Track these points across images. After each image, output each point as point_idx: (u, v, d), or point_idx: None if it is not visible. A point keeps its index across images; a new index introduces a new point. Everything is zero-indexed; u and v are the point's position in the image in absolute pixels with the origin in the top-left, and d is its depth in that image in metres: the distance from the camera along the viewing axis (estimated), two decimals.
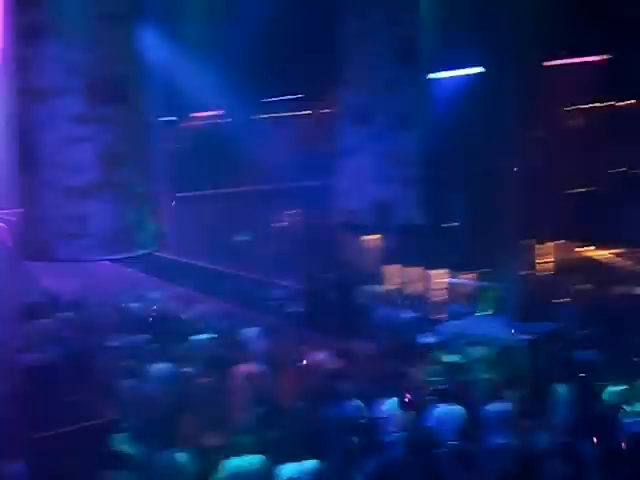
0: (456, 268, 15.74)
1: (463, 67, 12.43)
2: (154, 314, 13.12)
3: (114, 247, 6.01)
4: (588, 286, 13.30)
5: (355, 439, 7.76)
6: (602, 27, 11.38)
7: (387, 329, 12.29)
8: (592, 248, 14.94)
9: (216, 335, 11.76)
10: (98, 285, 14.58)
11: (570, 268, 14.63)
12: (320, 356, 10.39)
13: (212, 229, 18.99)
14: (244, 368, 9.71)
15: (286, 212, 20.66)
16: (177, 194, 16.55)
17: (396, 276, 17.18)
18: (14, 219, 13.80)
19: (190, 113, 17.97)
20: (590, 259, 14.99)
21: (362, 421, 8.19)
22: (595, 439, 7.66)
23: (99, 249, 5.98)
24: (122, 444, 7.94)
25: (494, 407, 8.33)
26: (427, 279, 16.67)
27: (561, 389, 8.88)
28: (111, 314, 12.90)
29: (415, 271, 17.00)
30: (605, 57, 12.22)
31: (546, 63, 12.61)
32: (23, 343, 8.93)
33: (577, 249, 15.18)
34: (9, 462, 7.45)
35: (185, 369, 9.76)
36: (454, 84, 11.95)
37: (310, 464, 6.98)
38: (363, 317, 13.39)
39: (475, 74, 12.86)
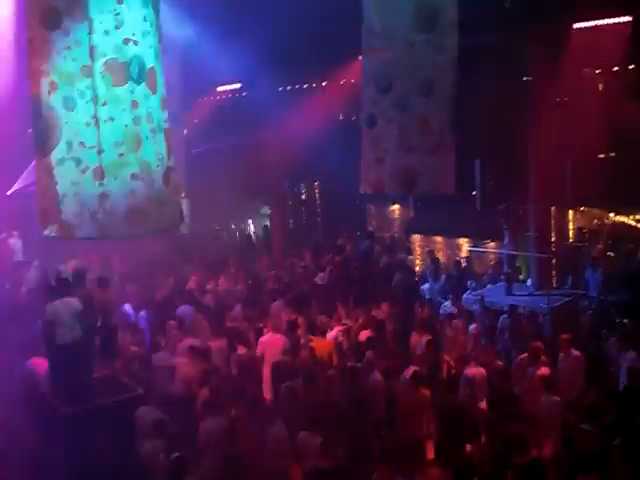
0: (479, 236, 15.64)
1: (485, 32, 12.20)
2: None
3: (135, 225, 6.03)
4: (613, 252, 13.15)
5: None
6: None
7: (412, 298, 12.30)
8: (616, 214, 14.74)
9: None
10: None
11: (595, 234, 14.46)
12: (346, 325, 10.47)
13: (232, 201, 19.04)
14: (271, 338, 9.82)
15: (310, 183, 20.59)
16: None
17: (420, 245, 17.15)
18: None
19: (211, 87, 17.84)
20: (614, 225, 14.80)
21: None
22: None
23: (120, 227, 6.01)
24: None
25: None
26: (451, 247, 16.62)
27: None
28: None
29: (439, 240, 16.96)
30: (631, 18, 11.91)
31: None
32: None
33: (601, 215, 14.99)
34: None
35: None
36: (475, 49, 11.73)
37: None
38: (388, 286, 13.39)
39: (497, 38, 12.62)
